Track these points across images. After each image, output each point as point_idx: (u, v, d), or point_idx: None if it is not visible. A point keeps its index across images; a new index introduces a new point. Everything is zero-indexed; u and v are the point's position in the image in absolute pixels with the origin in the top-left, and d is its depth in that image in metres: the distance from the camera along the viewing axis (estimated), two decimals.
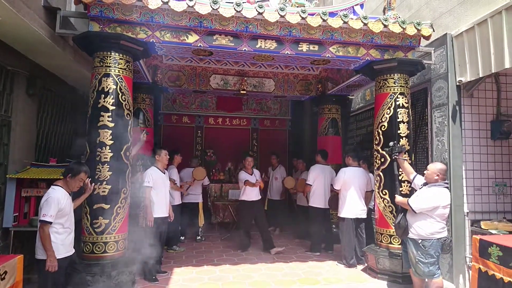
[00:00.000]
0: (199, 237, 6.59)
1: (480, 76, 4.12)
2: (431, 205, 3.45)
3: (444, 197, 3.48)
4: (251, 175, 6.06)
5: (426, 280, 3.62)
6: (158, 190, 4.57)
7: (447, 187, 3.57)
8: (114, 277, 3.81)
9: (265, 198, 7.37)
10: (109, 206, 3.93)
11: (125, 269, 3.95)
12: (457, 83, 4.52)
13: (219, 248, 6.07)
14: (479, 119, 4.64)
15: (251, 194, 5.95)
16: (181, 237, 6.38)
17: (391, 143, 4.23)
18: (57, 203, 3.01)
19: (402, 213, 3.71)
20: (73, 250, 3.28)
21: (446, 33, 4.69)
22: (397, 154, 4.11)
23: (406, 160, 4.18)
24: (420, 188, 3.70)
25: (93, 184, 3.74)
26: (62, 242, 3.10)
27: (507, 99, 4.70)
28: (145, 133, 4.89)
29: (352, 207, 5.20)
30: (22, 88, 4.33)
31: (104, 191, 3.92)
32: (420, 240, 3.51)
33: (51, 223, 2.98)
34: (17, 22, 3.37)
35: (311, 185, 5.84)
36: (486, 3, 4.27)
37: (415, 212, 3.53)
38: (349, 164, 5.43)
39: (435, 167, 3.60)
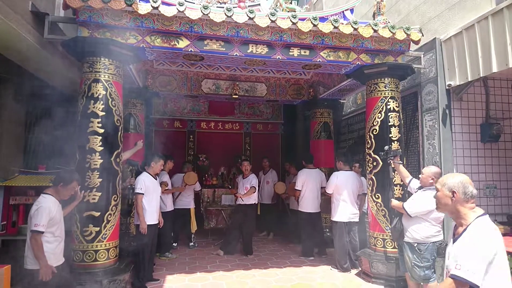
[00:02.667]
0: (192, 244, 6.53)
1: (469, 80, 4.18)
2: (426, 208, 3.46)
3: None
4: (244, 179, 6.08)
5: (422, 284, 3.62)
6: (150, 196, 4.50)
7: None
8: (105, 286, 3.74)
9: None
10: (99, 213, 3.87)
11: (116, 277, 3.88)
12: (447, 87, 4.57)
13: (212, 254, 6.01)
14: (469, 122, 4.70)
15: (240, 198, 6.03)
16: (174, 244, 6.31)
17: (386, 147, 4.25)
18: (48, 212, 2.96)
19: (398, 217, 3.72)
20: (63, 259, 3.22)
21: (435, 38, 4.75)
22: (392, 157, 4.13)
23: (401, 163, 4.20)
24: (415, 192, 3.72)
25: (83, 191, 3.68)
26: (53, 251, 3.05)
27: (496, 102, 4.76)
28: (141, 143, 4.94)
29: (345, 211, 5.20)
30: (9, 94, 4.26)
31: (94, 198, 3.86)
32: (416, 244, 3.52)
33: (43, 232, 2.92)
34: (4, 28, 3.32)
35: (300, 190, 5.85)
36: (473, 9, 4.34)
37: (410, 216, 3.54)
38: (340, 168, 5.45)
39: (430, 170, 3.62)
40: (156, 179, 4.70)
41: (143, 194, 4.42)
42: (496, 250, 1.69)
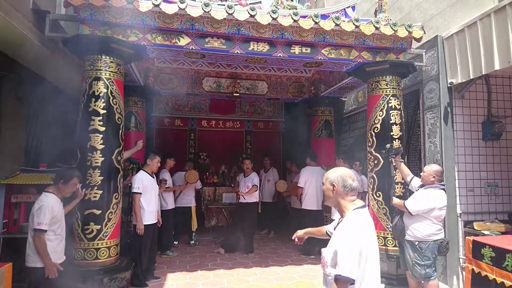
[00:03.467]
0: (193, 242, 6.54)
1: (471, 77, 4.16)
2: (427, 207, 3.45)
3: (440, 199, 3.49)
4: (246, 177, 6.08)
5: (422, 282, 3.62)
6: (148, 195, 4.43)
7: (443, 189, 3.57)
8: (106, 284, 3.75)
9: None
10: (100, 211, 3.88)
11: (117, 275, 3.89)
12: (448, 85, 4.56)
13: (213, 252, 6.01)
14: (470, 120, 4.68)
15: (240, 196, 6.05)
16: (175, 242, 6.31)
17: (387, 145, 4.24)
18: (51, 211, 2.97)
19: (399, 215, 3.72)
20: (64, 257, 3.22)
21: (437, 35, 4.73)
22: (394, 156, 4.12)
23: (403, 161, 4.19)
24: (416, 190, 3.71)
25: (84, 189, 3.69)
26: (54, 249, 3.05)
27: (498, 100, 4.74)
28: (141, 143, 4.90)
29: None
30: (11, 92, 4.26)
31: (95, 197, 3.86)
32: (417, 242, 3.52)
33: (46, 231, 2.93)
34: (5, 25, 3.31)
35: (302, 188, 5.85)
36: (476, 6, 4.32)
37: (412, 214, 3.53)
38: (341, 166, 5.43)
39: (431, 168, 3.61)
40: (153, 177, 4.63)
41: (140, 193, 4.35)
42: (364, 243, 1.78)
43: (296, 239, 2.51)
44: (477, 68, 4.01)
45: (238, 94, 6.89)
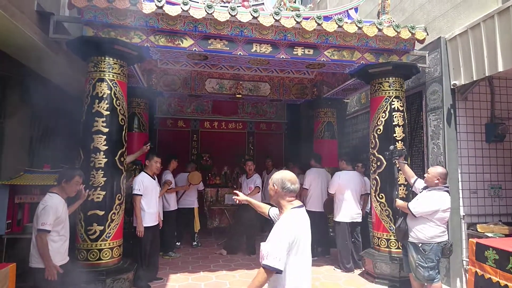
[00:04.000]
0: (195, 243, 6.54)
1: (474, 79, 4.15)
2: (430, 209, 3.44)
3: (444, 201, 3.47)
4: (248, 179, 6.09)
5: (426, 284, 3.60)
6: (149, 197, 4.40)
7: (447, 191, 3.56)
8: (109, 285, 3.76)
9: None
10: (103, 212, 3.89)
11: (120, 276, 3.90)
12: (452, 87, 4.54)
13: (215, 253, 6.02)
14: (473, 122, 4.66)
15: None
16: (177, 243, 6.32)
17: (391, 147, 4.23)
18: (55, 211, 2.98)
19: (402, 217, 3.71)
20: (68, 258, 3.24)
21: (440, 37, 4.72)
22: (397, 157, 4.11)
23: (406, 163, 4.18)
24: (420, 192, 3.70)
25: (87, 190, 3.70)
26: (57, 250, 3.06)
27: (501, 102, 4.72)
28: (149, 145, 4.76)
29: (348, 211, 5.19)
30: (15, 93, 4.29)
31: (99, 197, 3.88)
32: (420, 244, 3.51)
33: (49, 231, 2.94)
34: (9, 27, 3.34)
35: (307, 189, 5.84)
36: (479, 7, 4.31)
37: (415, 216, 3.52)
38: (343, 168, 5.43)
39: (435, 170, 3.60)
40: (154, 179, 4.58)
41: (141, 195, 4.31)
42: (295, 237, 1.98)
43: (237, 201, 2.73)
44: (481, 69, 4.00)
45: (240, 96, 6.90)
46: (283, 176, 2.17)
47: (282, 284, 2.04)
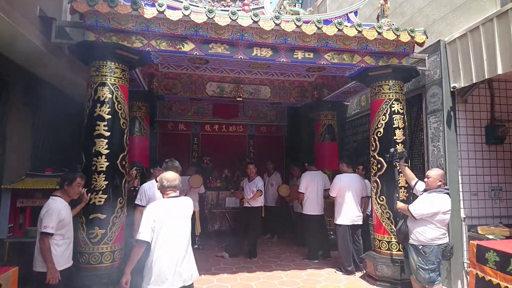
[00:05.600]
0: (196, 246, 6.53)
1: (474, 82, 4.17)
2: (431, 211, 3.46)
3: (444, 203, 3.49)
4: (250, 182, 6.12)
5: (426, 286, 3.61)
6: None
7: (447, 193, 3.57)
8: None
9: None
10: (105, 216, 3.90)
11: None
12: (451, 89, 4.56)
13: (217, 256, 6.02)
14: (473, 124, 4.68)
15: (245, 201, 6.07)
16: None
17: (391, 149, 4.25)
18: (58, 214, 3.00)
19: (403, 220, 3.72)
20: (71, 262, 3.25)
21: (439, 40, 4.75)
22: (398, 160, 4.13)
23: (407, 166, 4.19)
24: (421, 194, 3.71)
25: (89, 194, 3.72)
26: (61, 254, 3.08)
27: (501, 104, 4.74)
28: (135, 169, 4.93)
29: (348, 213, 5.20)
30: (17, 97, 4.31)
31: (100, 201, 3.89)
32: (421, 246, 3.52)
33: (52, 234, 2.96)
34: (12, 32, 3.37)
35: (303, 193, 5.85)
36: (478, 11, 4.34)
37: (415, 218, 3.53)
38: (344, 170, 5.44)
39: (437, 173, 3.61)
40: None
41: (144, 206, 4.08)
42: (155, 219, 2.65)
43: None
44: (480, 72, 4.03)
45: (241, 99, 6.92)
46: (162, 177, 2.86)
47: (150, 256, 2.66)
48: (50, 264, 2.92)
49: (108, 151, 3.96)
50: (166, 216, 2.71)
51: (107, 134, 3.97)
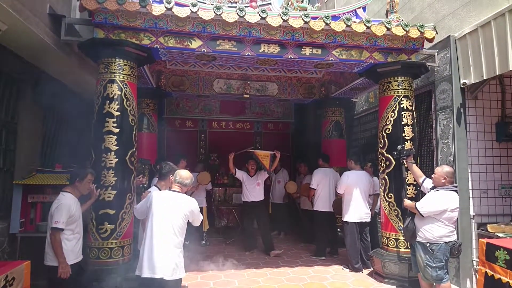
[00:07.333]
0: (204, 242, 6.59)
1: (484, 78, 4.11)
2: (438, 208, 3.43)
3: (452, 201, 3.45)
4: (252, 176, 6.18)
5: (434, 284, 3.59)
6: None
7: (455, 191, 3.54)
8: (120, 283, 3.81)
9: (268, 201, 7.42)
10: (114, 211, 3.94)
11: (130, 274, 3.94)
12: (461, 85, 4.51)
13: (224, 252, 6.05)
14: (484, 121, 4.62)
15: (249, 195, 6.09)
16: (186, 242, 6.35)
17: (399, 147, 4.22)
18: (68, 210, 3.05)
19: (410, 217, 3.70)
20: (81, 256, 3.30)
21: (449, 35, 4.69)
22: (405, 157, 4.10)
23: (415, 163, 4.16)
24: (428, 192, 3.68)
25: (98, 189, 3.76)
26: (72, 249, 3.13)
27: None
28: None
29: (356, 210, 5.18)
30: (28, 94, 4.37)
31: (110, 197, 3.94)
32: (428, 244, 3.49)
33: (62, 229, 3.01)
34: (23, 30, 3.42)
35: (315, 189, 5.84)
36: (489, 5, 4.26)
37: (423, 216, 3.51)
38: (352, 167, 5.42)
39: (442, 170, 3.58)
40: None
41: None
42: (151, 201, 2.88)
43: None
44: (491, 68, 3.96)
45: (248, 96, 6.92)
46: (178, 172, 3.07)
47: (142, 238, 2.91)
48: (61, 258, 2.97)
49: (117, 147, 3.99)
50: (158, 206, 2.84)
51: (116, 130, 4.01)
